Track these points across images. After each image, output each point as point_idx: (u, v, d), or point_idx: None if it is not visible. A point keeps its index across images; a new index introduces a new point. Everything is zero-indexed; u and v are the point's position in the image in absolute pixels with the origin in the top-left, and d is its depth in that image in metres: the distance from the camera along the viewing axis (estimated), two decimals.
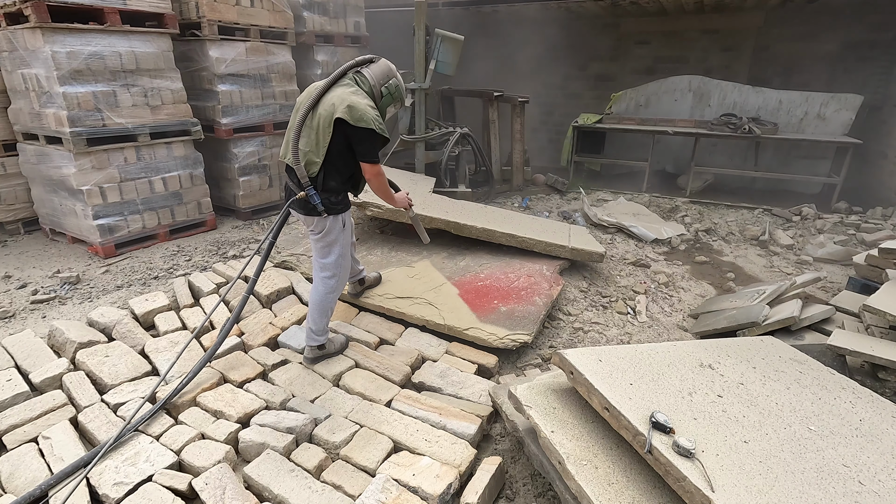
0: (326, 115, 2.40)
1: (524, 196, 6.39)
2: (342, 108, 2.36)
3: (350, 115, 2.35)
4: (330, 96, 2.44)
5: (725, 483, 1.49)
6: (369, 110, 2.39)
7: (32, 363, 2.67)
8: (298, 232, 4.57)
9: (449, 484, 2.00)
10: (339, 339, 2.95)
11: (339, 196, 2.56)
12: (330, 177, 2.50)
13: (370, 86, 2.54)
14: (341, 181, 2.55)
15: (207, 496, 1.94)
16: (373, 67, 2.58)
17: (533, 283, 3.51)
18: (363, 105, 2.39)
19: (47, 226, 4.73)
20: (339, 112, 2.36)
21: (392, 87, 2.60)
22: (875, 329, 2.72)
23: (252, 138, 5.34)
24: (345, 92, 2.43)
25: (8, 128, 4.61)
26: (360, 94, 2.47)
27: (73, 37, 3.86)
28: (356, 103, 2.37)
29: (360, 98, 2.42)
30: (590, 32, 7.94)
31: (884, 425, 1.91)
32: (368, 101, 2.46)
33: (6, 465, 2.08)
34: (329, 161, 2.47)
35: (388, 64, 2.62)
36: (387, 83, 2.58)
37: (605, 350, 2.13)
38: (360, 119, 2.35)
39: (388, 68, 2.60)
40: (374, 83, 2.55)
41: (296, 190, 2.53)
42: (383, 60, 2.62)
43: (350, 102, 2.36)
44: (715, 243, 5.08)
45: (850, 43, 6.46)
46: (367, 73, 2.56)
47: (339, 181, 2.54)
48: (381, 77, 2.57)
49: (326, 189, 2.51)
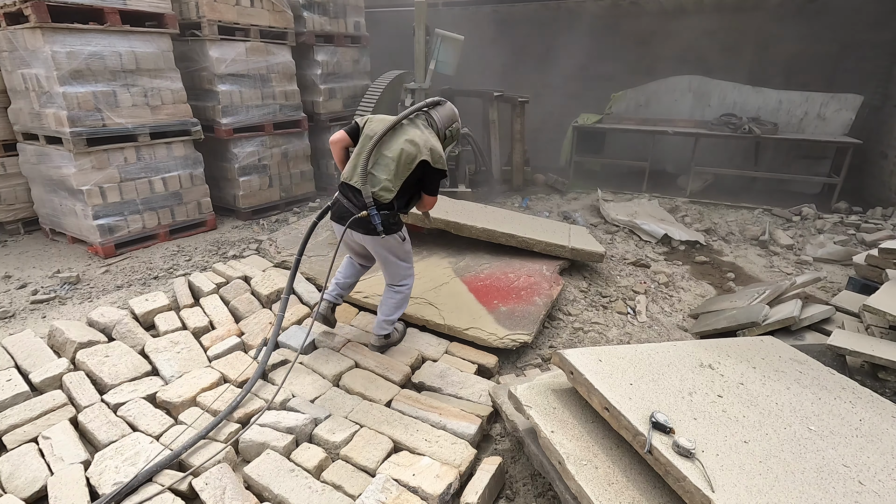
0: (410, 153, 2.58)
1: (524, 196, 6.39)
2: (426, 150, 2.59)
3: (432, 157, 2.61)
4: (410, 134, 2.63)
5: (725, 483, 1.48)
6: (443, 154, 2.68)
7: (32, 363, 2.67)
8: (299, 232, 4.56)
9: (449, 484, 2.00)
10: (400, 326, 3.12)
11: (396, 217, 2.76)
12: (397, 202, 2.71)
13: (438, 128, 2.79)
14: (400, 205, 2.74)
15: (207, 496, 1.94)
16: (440, 110, 2.81)
17: (533, 282, 3.51)
18: (440, 150, 2.67)
19: (47, 226, 4.73)
20: (424, 154, 2.59)
21: (454, 131, 2.86)
22: (875, 329, 2.72)
23: (252, 138, 5.34)
24: (425, 133, 2.68)
25: (8, 128, 4.61)
26: (435, 137, 2.73)
27: (73, 37, 3.86)
28: (436, 147, 2.64)
29: (437, 142, 2.70)
30: (590, 32, 7.94)
31: (884, 425, 1.91)
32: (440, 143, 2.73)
33: (6, 465, 2.08)
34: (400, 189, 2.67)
35: (453, 108, 2.86)
36: (450, 126, 2.83)
37: (605, 350, 2.13)
38: (437, 162, 2.63)
39: (453, 112, 2.84)
40: (441, 126, 2.80)
41: (355, 210, 2.67)
42: (449, 105, 2.86)
43: (432, 146, 2.63)
44: (715, 243, 5.08)
45: (850, 43, 6.46)
46: (436, 115, 2.80)
47: (399, 205, 2.74)
48: (447, 121, 2.82)
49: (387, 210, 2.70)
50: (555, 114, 8.72)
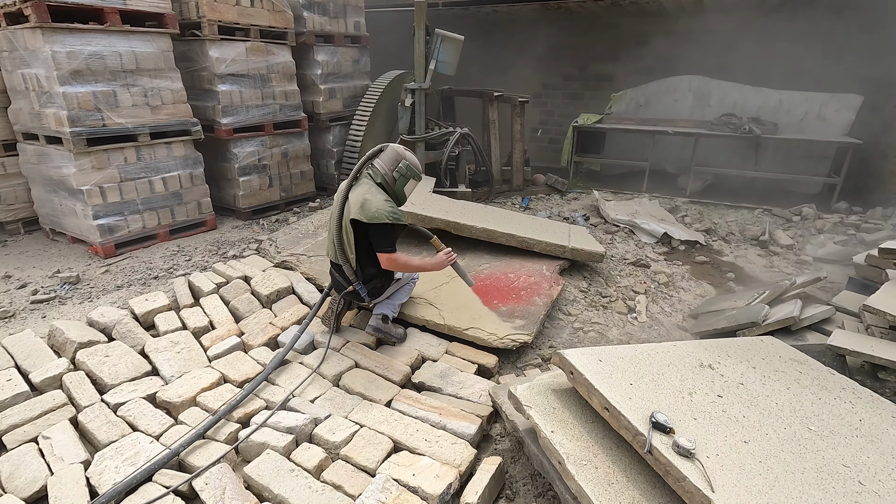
0: (345, 219, 2.67)
1: (524, 196, 6.39)
2: (356, 208, 2.60)
3: (363, 213, 2.58)
4: (351, 196, 2.70)
5: (725, 483, 1.48)
6: (383, 204, 2.61)
7: (32, 363, 2.67)
8: (299, 232, 4.56)
9: (449, 484, 2.00)
10: (400, 330, 3.09)
11: (381, 280, 2.85)
12: (365, 266, 2.78)
13: (382, 175, 2.76)
14: (377, 268, 2.79)
15: (207, 496, 1.94)
16: (382, 157, 2.80)
17: (533, 282, 3.51)
18: (376, 202, 2.61)
19: (47, 226, 4.73)
20: (354, 213, 2.60)
21: (403, 169, 2.78)
22: (875, 329, 2.71)
23: (252, 138, 5.34)
24: (360, 191, 2.68)
25: (8, 128, 4.61)
26: (373, 189, 2.70)
27: (73, 37, 3.86)
28: (367, 201, 2.60)
29: (374, 195, 2.65)
30: (590, 32, 7.94)
31: (884, 425, 1.91)
32: (382, 194, 2.69)
33: (6, 465, 2.08)
34: (360, 255, 2.75)
35: (395, 148, 2.82)
36: (396, 167, 2.77)
37: (605, 350, 2.13)
38: (373, 217, 2.57)
39: (395, 153, 2.80)
40: (386, 171, 2.76)
41: (345, 283, 2.85)
42: (390, 147, 2.83)
43: (363, 201, 2.60)
44: (715, 243, 5.08)
45: (849, 43, 6.46)
46: (378, 163, 2.78)
47: (376, 268, 2.79)
48: (391, 163, 2.77)
49: (367, 278, 2.81)
50: (555, 114, 8.73)
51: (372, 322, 2.95)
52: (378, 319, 2.94)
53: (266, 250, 4.26)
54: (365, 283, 2.83)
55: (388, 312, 2.97)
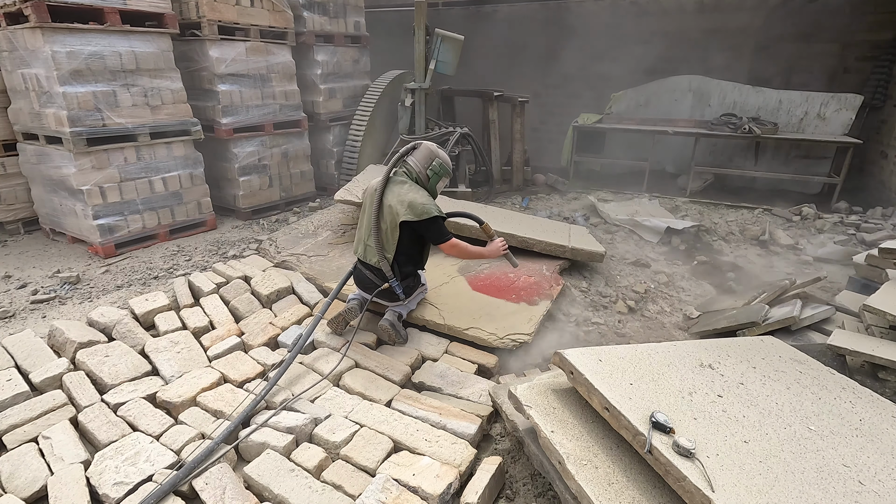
0: (391, 220, 2.68)
1: (524, 196, 6.38)
2: (403, 210, 2.65)
3: (412, 212, 2.63)
4: (389, 198, 2.73)
5: (725, 483, 1.48)
6: (427, 199, 2.68)
7: (32, 363, 2.67)
8: (299, 232, 4.56)
9: (449, 484, 2.00)
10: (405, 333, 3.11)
11: (414, 279, 2.93)
12: (403, 265, 2.84)
13: (416, 173, 2.82)
14: (413, 265, 2.88)
15: (207, 496, 1.94)
16: (415, 154, 2.84)
17: (533, 282, 3.51)
18: (420, 199, 2.67)
19: (47, 226, 4.73)
20: (402, 216, 2.64)
21: (437, 167, 2.84)
22: (875, 329, 2.71)
23: (252, 138, 5.34)
24: (400, 191, 2.72)
25: (8, 128, 4.61)
26: (413, 187, 2.75)
27: (73, 37, 3.86)
28: (415, 201, 2.65)
29: (415, 193, 2.70)
30: (590, 32, 7.94)
31: (884, 425, 1.91)
32: (422, 191, 2.75)
33: (6, 465, 2.08)
34: (399, 253, 2.80)
35: (429, 146, 2.85)
36: (430, 165, 2.84)
37: (605, 350, 2.13)
38: (423, 213, 2.64)
39: (429, 151, 2.84)
40: (420, 169, 2.82)
41: (378, 282, 2.87)
42: (424, 144, 2.86)
43: (410, 201, 2.65)
44: (715, 243, 5.08)
45: (850, 43, 6.46)
46: (412, 161, 2.81)
47: (412, 265, 2.87)
48: (425, 161, 2.83)
49: (404, 276, 2.86)
50: (555, 114, 8.73)
51: (388, 316, 2.98)
52: (395, 315, 2.98)
53: (266, 250, 4.26)
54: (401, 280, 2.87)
55: (404, 312, 3.04)
